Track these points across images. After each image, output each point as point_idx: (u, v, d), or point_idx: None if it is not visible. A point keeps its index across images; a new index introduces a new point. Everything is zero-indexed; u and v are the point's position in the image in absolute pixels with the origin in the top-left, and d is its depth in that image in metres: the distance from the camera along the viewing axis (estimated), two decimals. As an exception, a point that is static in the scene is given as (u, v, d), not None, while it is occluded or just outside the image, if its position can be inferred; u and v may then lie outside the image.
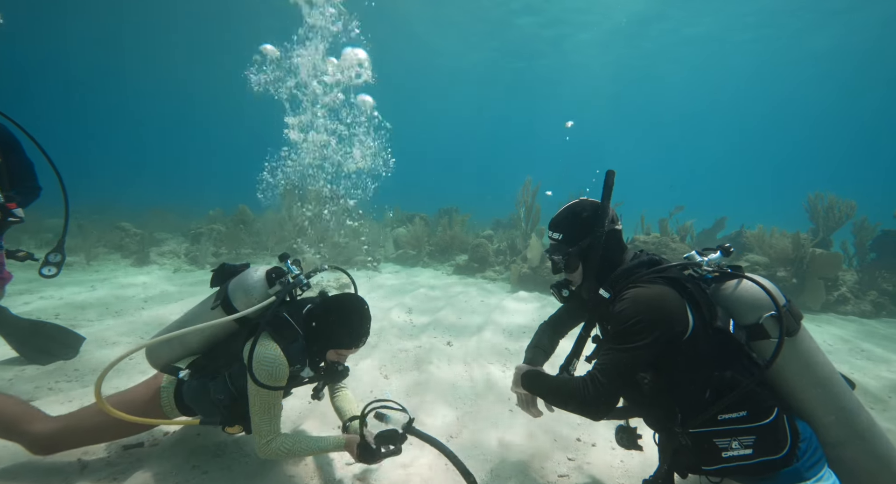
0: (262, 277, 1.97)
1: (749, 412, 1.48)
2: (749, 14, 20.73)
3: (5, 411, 1.91)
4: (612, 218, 1.73)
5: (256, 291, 1.94)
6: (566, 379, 1.68)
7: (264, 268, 2.02)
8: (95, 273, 6.60)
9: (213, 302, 2.01)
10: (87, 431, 1.94)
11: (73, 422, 1.93)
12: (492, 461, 2.34)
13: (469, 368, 3.59)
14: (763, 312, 1.52)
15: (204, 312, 2.04)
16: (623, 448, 1.95)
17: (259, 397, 1.78)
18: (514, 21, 23.28)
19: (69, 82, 49.55)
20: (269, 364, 1.76)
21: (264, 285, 1.95)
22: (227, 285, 2.01)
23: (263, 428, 1.80)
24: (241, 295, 1.95)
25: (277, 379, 1.78)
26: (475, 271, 8.26)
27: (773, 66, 27.62)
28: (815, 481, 1.47)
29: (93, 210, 12.30)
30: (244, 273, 2.02)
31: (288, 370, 1.81)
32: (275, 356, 1.78)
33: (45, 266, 2.51)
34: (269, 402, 1.80)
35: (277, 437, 1.82)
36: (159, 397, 1.97)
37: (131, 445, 2.21)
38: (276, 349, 1.79)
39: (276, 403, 1.83)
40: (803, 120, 53.00)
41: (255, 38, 25.14)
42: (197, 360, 2.04)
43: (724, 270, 1.66)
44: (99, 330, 3.90)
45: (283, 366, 1.79)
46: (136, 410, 1.92)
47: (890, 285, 6.62)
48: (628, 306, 1.50)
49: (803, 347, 1.56)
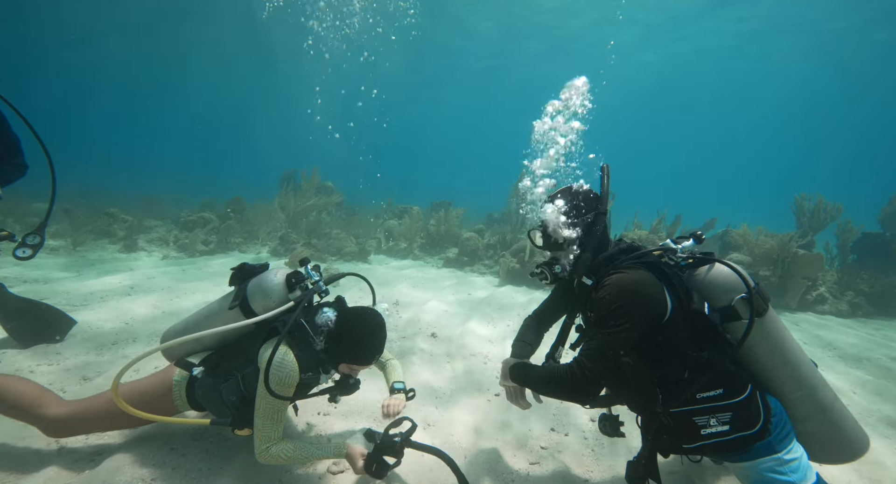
0: (282, 281, 1.96)
1: (725, 390, 1.59)
2: (741, 20, 20.78)
3: (24, 395, 1.94)
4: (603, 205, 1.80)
5: (276, 295, 1.94)
6: (553, 367, 1.75)
7: (284, 271, 2.02)
8: (82, 258, 6.56)
9: (231, 302, 2.01)
10: (101, 418, 1.96)
11: (87, 407, 1.96)
12: (467, 449, 2.40)
13: (451, 359, 3.64)
14: (734, 295, 1.62)
15: (222, 311, 2.04)
16: (606, 436, 2.01)
17: (265, 401, 1.76)
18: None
19: (65, 69, 48.58)
20: (280, 368, 1.75)
21: (284, 289, 1.95)
22: (245, 286, 2.01)
23: (265, 433, 1.78)
24: (259, 297, 1.95)
25: (287, 384, 1.77)
26: (465, 265, 8.31)
27: (763, 70, 27.76)
28: (785, 453, 1.58)
29: (82, 195, 12.15)
30: (264, 275, 2.01)
31: (298, 377, 1.80)
32: (287, 361, 1.77)
33: (20, 248, 2.45)
34: (276, 407, 1.78)
35: (278, 443, 1.80)
36: (171, 391, 1.97)
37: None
38: (289, 354, 1.78)
39: (282, 410, 1.81)
40: (796, 123, 53.45)
41: (254, 27, 24.61)
42: (210, 357, 2.05)
43: (697, 256, 1.74)
44: (84, 315, 3.90)
45: (293, 372, 1.77)
46: (148, 402, 1.94)
47: (867, 286, 6.77)
48: (610, 292, 1.58)
49: (773, 328, 1.66)
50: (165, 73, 41.62)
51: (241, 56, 31.19)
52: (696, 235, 1.76)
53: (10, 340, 3.19)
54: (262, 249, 8.45)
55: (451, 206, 11.31)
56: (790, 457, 1.59)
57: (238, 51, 29.61)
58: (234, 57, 30.97)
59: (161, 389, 1.98)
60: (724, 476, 2.29)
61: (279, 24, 22.56)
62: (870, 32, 20.47)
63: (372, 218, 10.65)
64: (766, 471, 1.58)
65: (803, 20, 20.17)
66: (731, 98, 41.66)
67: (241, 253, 8.12)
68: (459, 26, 24.81)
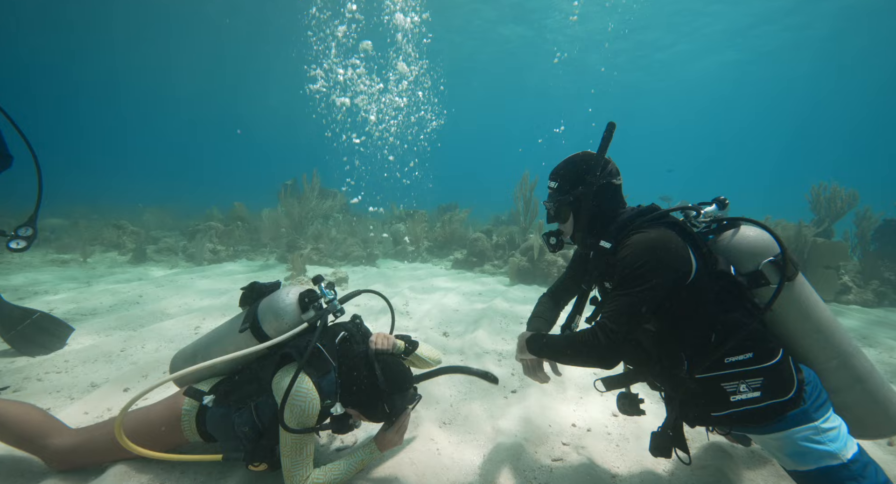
0: (294, 301, 1.85)
1: (755, 354, 1.48)
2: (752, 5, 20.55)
3: (30, 423, 1.84)
4: (610, 171, 1.70)
5: (288, 316, 1.82)
6: (573, 333, 1.63)
7: (297, 289, 1.91)
8: (92, 270, 6.58)
9: (242, 325, 1.90)
10: (106, 449, 1.85)
11: (91, 437, 1.86)
12: (485, 446, 2.30)
13: (465, 357, 3.55)
14: (761, 259, 1.53)
15: (232, 334, 1.93)
16: (625, 415, 1.90)
17: (291, 437, 1.64)
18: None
19: (70, 82, 49.70)
20: (301, 399, 1.63)
21: (297, 310, 1.84)
22: (256, 306, 1.90)
23: (296, 473, 1.64)
24: (271, 319, 1.83)
25: (310, 415, 1.65)
26: (473, 266, 8.22)
27: (775, 56, 27.24)
28: (822, 421, 1.46)
29: (91, 210, 12.31)
30: (275, 295, 1.90)
31: (320, 406, 1.69)
32: (307, 390, 1.66)
33: (13, 240, 2.38)
34: (303, 441, 1.66)
35: (308, 478, 1.67)
36: (180, 421, 1.86)
37: None
38: (309, 383, 1.67)
39: (310, 443, 1.69)
40: (805, 111, 52.63)
41: (258, 39, 25.06)
42: (221, 383, 1.93)
43: (721, 222, 1.65)
44: (92, 324, 3.87)
45: (315, 401, 1.66)
46: (156, 432, 1.85)
47: (892, 274, 6.55)
48: (633, 251, 1.49)
49: (803, 293, 1.56)
50: (169, 83, 42.25)
51: (240, 62, 31.58)
52: (719, 200, 1.67)
53: (15, 351, 3.16)
54: (269, 255, 8.43)
55: (457, 209, 11.26)
56: (828, 425, 1.46)
57: (238, 56, 30.00)
58: (234, 62, 31.37)
59: (170, 418, 1.86)
60: (758, 468, 2.16)
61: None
62: (870, 21, 20.14)
63: (372, 226, 10.60)
64: (803, 440, 1.45)
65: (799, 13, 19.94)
66: (733, 88, 40.98)
67: (250, 261, 8.11)
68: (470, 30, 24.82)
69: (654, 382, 1.79)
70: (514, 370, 3.28)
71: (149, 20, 24.79)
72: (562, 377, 3.15)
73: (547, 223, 1.86)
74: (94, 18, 25.11)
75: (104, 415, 2.38)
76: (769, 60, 27.21)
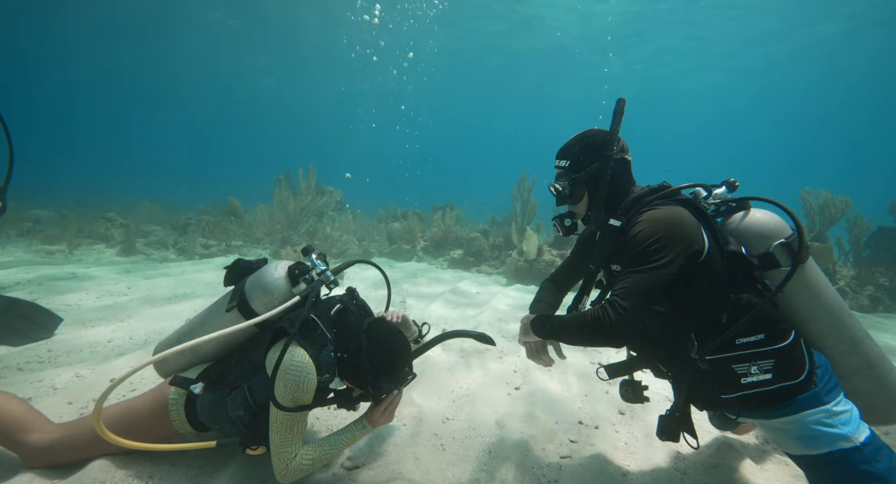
0: (283, 274, 1.73)
1: (767, 335, 1.45)
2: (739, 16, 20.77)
3: (8, 416, 1.70)
4: (621, 147, 1.65)
5: (278, 291, 1.71)
6: (581, 312, 1.56)
7: (285, 263, 1.79)
8: (78, 262, 6.38)
9: (228, 304, 1.77)
10: (88, 443, 1.72)
11: (73, 432, 1.72)
12: (490, 443, 2.21)
13: (465, 355, 3.46)
14: (772, 241, 1.50)
15: (217, 315, 1.80)
16: (629, 403, 1.84)
17: (281, 413, 1.54)
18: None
19: (66, 77, 48.96)
20: (297, 372, 1.52)
21: (286, 284, 1.72)
22: (243, 284, 1.78)
23: (284, 450, 1.55)
24: (260, 295, 1.71)
25: (305, 390, 1.54)
26: (470, 265, 8.14)
27: (768, 64, 27.51)
28: (834, 404, 1.42)
29: (80, 202, 12.03)
30: (262, 270, 1.78)
31: (317, 380, 1.57)
32: (302, 363, 1.53)
33: None
34: (294, 418, 1.56)
35: (297, 456, 1.57)
36: (167, 411, 1.73)
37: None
38: (304, 355, 1.55)
39: (301, 421, 1.59)
40: (797, 118, 53.25)
41: (252, 34, 24.93)
42: (210, 369, 1.80)
43: (730, 204, 1.61)
44: (77, 313, 3.72)
45: (311, 375, 1.54)
46: (142, 424, 1.72)
47: (886, 280, 6.61)
48: (645, 227, 1.44)
49: (813, 276, 1.54)
50: (163, 79, 41.86)
51: (237, 59, 31.33)
52: (729, 183, 1.62)
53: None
54: (262, 252, 8.27)
55: (452, 209, 11.18)
56: (840, 409, 1.42)
57: (235, 54, 29.77)
58: (231, 59, 31.10)
59: (156, 409, 1.73)
60: (772, 467, 2.10)
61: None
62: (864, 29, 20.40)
63: (374, 221, 10.49)
64: (814, 424, 1.41)
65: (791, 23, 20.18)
66: (726, 95, 41.24)
67: (242, 256, 7.95)
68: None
69: (658, 369, 1.72)
70: (517, 367, 3.20)
71: (148, 13, 24.46)
72: (567, 374, 3.08)
73: (557, 205, 1.78)
74: (92, 14, 24.77)
75: (89, 405, 2.26)
76: (767, 64, 27.29)
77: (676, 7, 20.28)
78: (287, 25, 24.06)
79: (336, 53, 28.23)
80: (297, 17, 23.01)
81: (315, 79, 37.60)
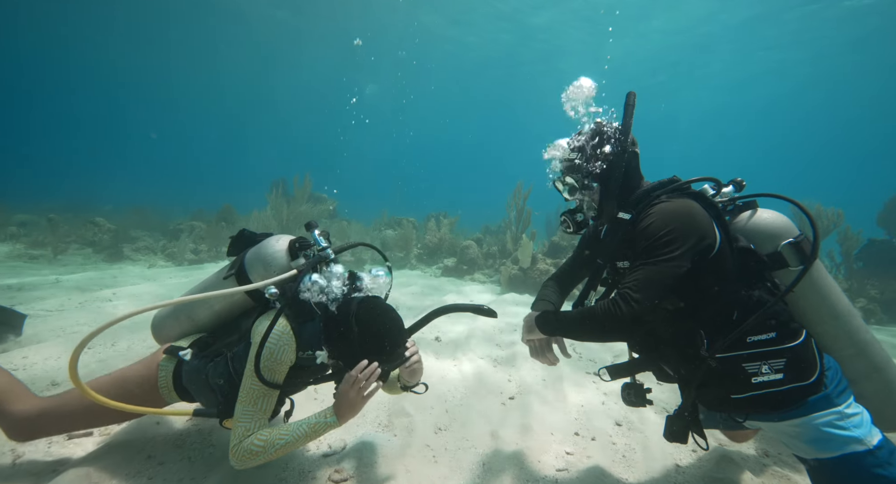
0: (284, 248, 1.72)
1: (778, 333, 1.41)
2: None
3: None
4: (632, 140, 1.63)
5: (277, 264, 1.69)
6: (590, 307, 1.51)
7: (287, 238, 1.77)
8: (63, 267, 6.23)
9: (227, 271, 1.77)
10: (73, 416, 1.66)
11: (58, 404, 1.67)
12: (484, 455, 2.13)
13: (458, 362, 3.39)
14: (780, 241, 1.48)
15: (216, 283, 1.79)
16: (630, 406, 1.78)
17: (251, 381, 1.47)
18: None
19: (61, 80, 48.69)
20: (273, 342, 1.48)
21: (286, 257, 1.70)
22: (244, 255, 1.77)
23: (242, 424, 1.45)
24: (259, 267, 1.70)
25: (279, 360, 1.49)
26: (464, 274, 8.08)
27: (754, 70, 27.79)
28: (845, 407, 1.39)
29: (69, 208, 11.82)
30: (264, 242, 1.76)
31: (294, 352, 1.53)
32: (281, 333, 1.50)
33: None
34: (263, 391, 1.48)
35: (251, 434, 1.45)
36: (157, 377, 1.70)
37: (78, 434, 1.95)
38: (286, 326, 1.52)
39: (271, 396, 1.50)
40: (777, 127, 53.79)
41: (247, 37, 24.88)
42: (203, 338, 1.80)
43: (736, 203, 1.60)
44: (58, 318, 3.60)
45: (287, 346, 1.50)
46: (131, 393, 1.65)
47: (878, 292, 6.64)
48: (657, 219, 1.41)
49: (820, 278, 1.51)
50: (160, 82, 41.75)
51: (235, 63, 31.38)
52: (736, 182, 1.61)
53: None
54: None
55: (445, 217, 11.15)
56: (852, 411, 1.39)
57: (232, 58, 29.80)
58: (229, 63, 31.14)
59: (146, 376, 1.70)
60: (773, 480, 2.04)
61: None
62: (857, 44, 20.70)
63: (368, 229, 10.42)
64: (825, 426, 1.37)
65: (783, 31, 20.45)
66: (714, 101, 41.30)
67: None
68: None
69: (663, 370, 1.66)
70: (512, 376, 3.13)
71: (146, 18, 24.45)
72: (563, 384, 3.02)
73: (566, 200, 1.75)
74: (89, 16, 24.75)
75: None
76: (753, 69, 27.46)
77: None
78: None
79: (337, 52, 28.10)
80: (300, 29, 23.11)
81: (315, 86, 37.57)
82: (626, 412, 2.66)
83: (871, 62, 23.04)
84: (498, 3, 19.94)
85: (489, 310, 1.86)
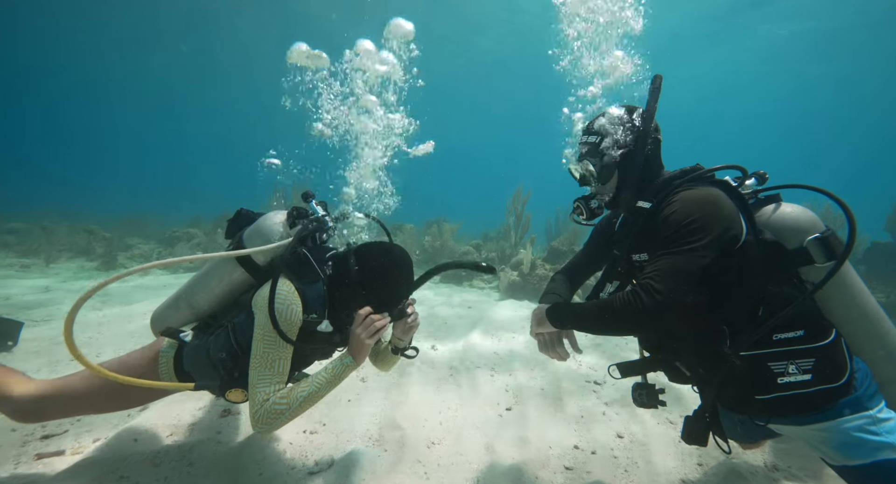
0: (282, 219, 1.70)
1: (806, 332, 1.32)
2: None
3: None
4: (655, 127, 1.53)
5: (276, 235, 1.65)
6: (607, 298, 1.39)
7: (285, 211, 1.75)
8: (55, 275, 6.15)
9: (227, 248, 1.73)
10: (77, 398, 1.62)
11: (61, 385, 1.65)
12: (478, 470, 2.03)
13: (454, 372, 3.28)
14: (806, 236, 1.38)
15: (215, 265, 1.75)
16: (642, 407, 1.69)
17: (264, 343, 1.41)
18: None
19: (56, 88, 48.95)
20: (280, 302, 1.42)
21: (285, 228, 1.67)
22: (242, 232, 1.74)
23: (260, 389, 1.39)
24: (258, 240, 1.65)
25: (289, 321, 1.43)
26: (462, 280, 7.98)
27: (761, 72, 27.64)
28: (877, 411, 1.29)
29: (64, 216, 11.77)
30: (263, 217, 1.74)
31: (301, 314, 1.46)
32: (286, 293, 1.44)
33: None
34: (277, 353, 1.42)
35: (271, 397, 1.40)
36: (157, 363, 1.66)
37: (47, 454, 1.85)
38: (290, 286, 1.46)
39: (283, 357, 1.44)
40: (786, 128, 53.60)
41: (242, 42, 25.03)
42: (202, 321, 1.77)
43: (759, 197, 1.50)
44: (46, 328, 3.51)
45: (294, 306, 1.44)
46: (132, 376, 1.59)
47: (882, 295, 6.52)
48: (680, 207, 1.31)
49: (848, 276, 1.42)
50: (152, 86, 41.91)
51: (232, 68, 31.49)
52: (759, 174, 1.51)
53: None
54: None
55: (445, 223, 11.07)
56: (885, 415, 1.29)
57: (230, 63, 29.89)
58: (226, 67, 31.25)
59: (147, 361, 1.67)
60: None
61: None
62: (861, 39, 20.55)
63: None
64: (856, 431, 1.28)
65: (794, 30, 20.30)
66: (716, 99, 40.92)
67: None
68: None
69: (677, 370, 1.56)
70: (509, 386, 3.03)
71: (141, 23, 24.54)
72: (562, 394, 2.91)
73: (580, 186, 1.66)
74: (83, 21, 24.83)
75: (38, 431, 2.05)
76: (760, 71, 27.26)
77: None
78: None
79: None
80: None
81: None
82: (629, 423, 2.55)
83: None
84: (499, 13, 20.06)
85: (489, 267, 1.80)
